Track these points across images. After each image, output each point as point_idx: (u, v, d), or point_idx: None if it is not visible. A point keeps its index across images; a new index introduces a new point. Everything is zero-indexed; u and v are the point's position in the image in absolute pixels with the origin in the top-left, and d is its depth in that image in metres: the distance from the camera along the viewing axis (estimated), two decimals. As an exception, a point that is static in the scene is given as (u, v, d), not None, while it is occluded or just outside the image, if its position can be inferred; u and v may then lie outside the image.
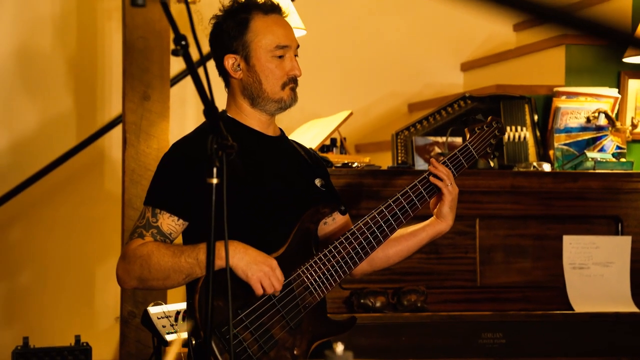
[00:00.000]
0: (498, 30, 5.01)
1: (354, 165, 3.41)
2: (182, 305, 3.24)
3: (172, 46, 1.80)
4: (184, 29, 1.86)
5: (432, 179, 2.59)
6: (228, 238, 1.96)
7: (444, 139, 3.68)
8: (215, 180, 1.89)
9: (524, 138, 3.79)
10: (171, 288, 2.53)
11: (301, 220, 2.50)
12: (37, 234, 4.58)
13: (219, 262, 2.12)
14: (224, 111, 2.53)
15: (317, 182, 2.62)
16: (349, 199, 3.19)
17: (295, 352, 2.42)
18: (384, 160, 3.90)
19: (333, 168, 3.32)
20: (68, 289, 4.61)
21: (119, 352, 3.90)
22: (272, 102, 2.53)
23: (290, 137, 2.74)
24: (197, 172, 2.26)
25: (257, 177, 2.50)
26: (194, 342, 2.32)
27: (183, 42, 1.75)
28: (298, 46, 2.57)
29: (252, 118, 2.57)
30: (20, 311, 4.55)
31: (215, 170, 1.88)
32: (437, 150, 3.69)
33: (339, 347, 1.47)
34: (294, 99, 2.55)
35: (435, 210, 2.62)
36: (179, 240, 2.52)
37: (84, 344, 3.54)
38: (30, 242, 4.57)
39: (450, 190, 2.59)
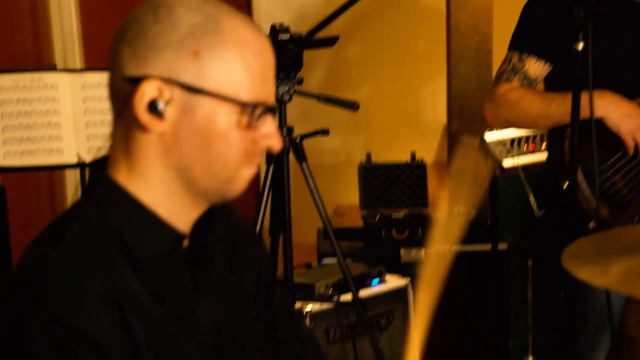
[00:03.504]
0: None
1: None
2: (517, 133, 3.37)
3: None
4: None
5: None
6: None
7: None
8: (580, 45, 1.98)
9: None
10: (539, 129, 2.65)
11: None
12: (370, 53, 4.85)
13: (587, 112, 2.14)
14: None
15: None
16: None
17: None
18: None
19: None
20: (398, 105, 4.90)
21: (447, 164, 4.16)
22: None
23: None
24: (563, 17, 2.25)
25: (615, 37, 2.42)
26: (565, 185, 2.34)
27: None
28: None
29: None
30: (362, 124, 4.88)
31: (581, 35, 1.97)
32: None
33: None
34: None
35: None
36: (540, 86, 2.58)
37: (419, 161, 3.67)
38: (366, 60, 4.86)
39: None
